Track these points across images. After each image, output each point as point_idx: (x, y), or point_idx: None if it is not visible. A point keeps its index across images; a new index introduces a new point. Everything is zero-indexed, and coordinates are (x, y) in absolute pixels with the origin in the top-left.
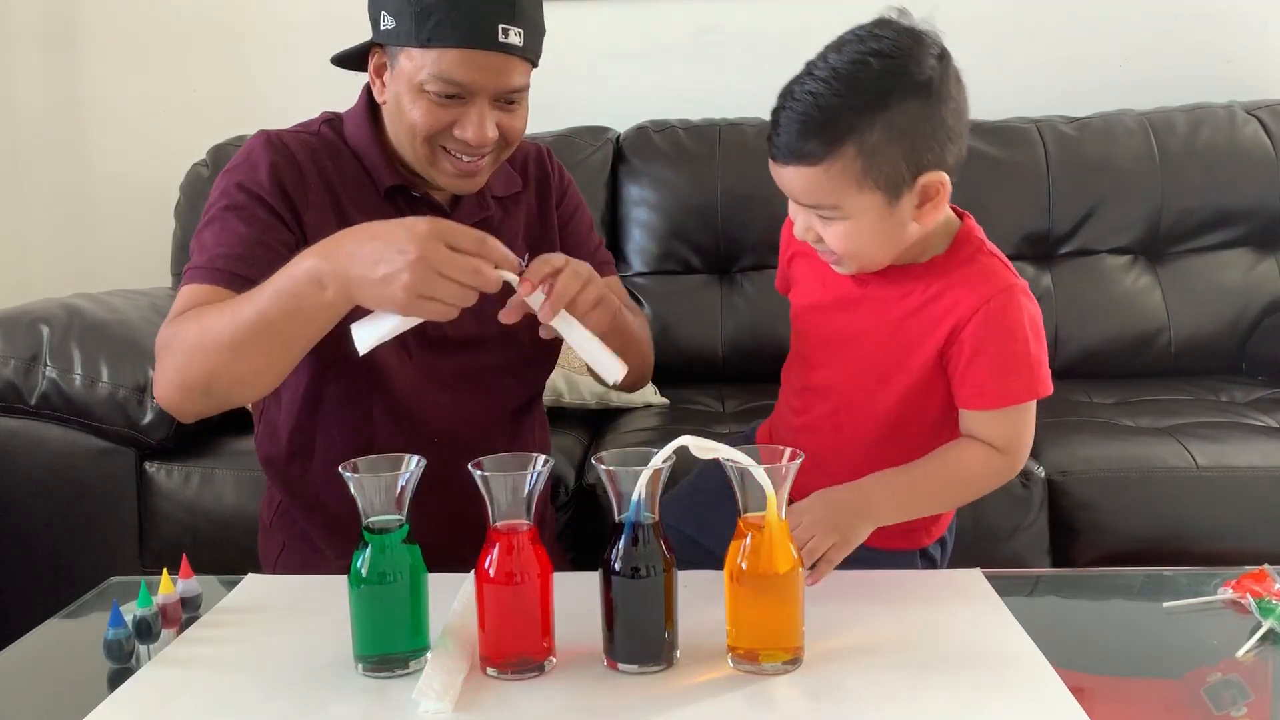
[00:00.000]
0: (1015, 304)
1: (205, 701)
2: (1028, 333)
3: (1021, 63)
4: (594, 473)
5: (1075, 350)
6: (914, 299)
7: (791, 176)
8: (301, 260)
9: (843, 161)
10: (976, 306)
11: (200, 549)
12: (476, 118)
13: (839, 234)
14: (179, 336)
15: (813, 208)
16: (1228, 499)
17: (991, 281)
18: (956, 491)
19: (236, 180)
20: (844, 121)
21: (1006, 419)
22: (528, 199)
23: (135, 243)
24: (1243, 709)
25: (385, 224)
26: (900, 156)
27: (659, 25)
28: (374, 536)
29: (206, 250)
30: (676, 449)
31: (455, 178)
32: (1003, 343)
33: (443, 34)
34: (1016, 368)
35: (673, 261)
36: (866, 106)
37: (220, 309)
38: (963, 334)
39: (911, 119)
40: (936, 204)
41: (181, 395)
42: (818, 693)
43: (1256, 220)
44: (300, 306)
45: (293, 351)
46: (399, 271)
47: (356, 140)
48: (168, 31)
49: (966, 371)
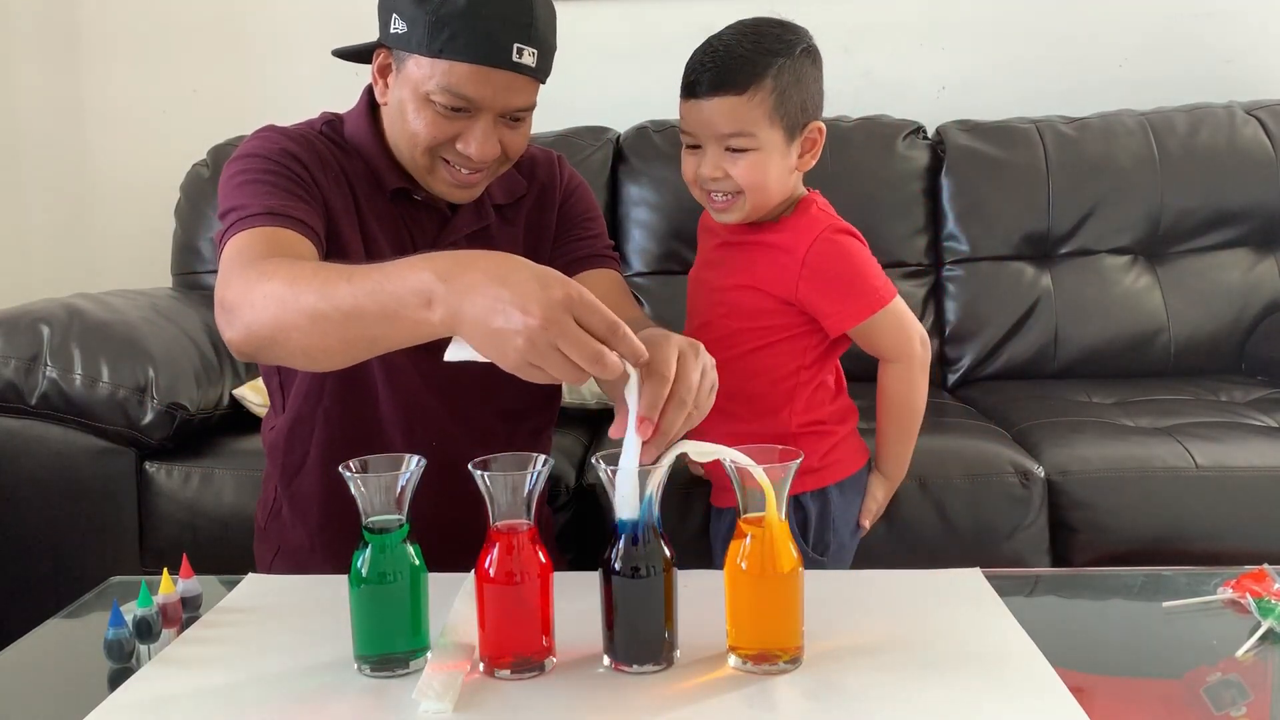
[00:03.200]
0: (834, 238)
1: (205, 701)
2: (853, 257)
3: (1021, 63)
4: (594, 473)
5: (1075, 350)
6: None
7: (715, 107)
8: (417, 269)
9: (762, 94)
10: (807, 247)
11: (200, 549)
12: (481, 134)
13: (749, 165)
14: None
15: (731, 136)
16: (1227, 499)
17: (814, 226)
18: (906, 407)
19: (258, 153)
20: (762, 61)
21: (880, 330)
22: (529, 204)
23: (135, 243)
24: (1242, 709)
25: (519, 269)
26: (799, 102)
27: (659, 25)
28: (374, 536)
29: (248, 204)
30: (677, 455)
31: (451, 187)
32: (839, 270)
33: (456, 47)
34: (856, 288)
35: (673, 261)
36: (776, 53)
37: (314, 271)
38: (804, 270)
39: (805, 72)
40: (814, 153)
41: (243, 338)
42: (818, 693)
43: (1256, 220)
44: (400, 314)
45: (374, 349)
46: (516, 334)
47: (358, 142)
48: (168, 31)
49: (820, 303)
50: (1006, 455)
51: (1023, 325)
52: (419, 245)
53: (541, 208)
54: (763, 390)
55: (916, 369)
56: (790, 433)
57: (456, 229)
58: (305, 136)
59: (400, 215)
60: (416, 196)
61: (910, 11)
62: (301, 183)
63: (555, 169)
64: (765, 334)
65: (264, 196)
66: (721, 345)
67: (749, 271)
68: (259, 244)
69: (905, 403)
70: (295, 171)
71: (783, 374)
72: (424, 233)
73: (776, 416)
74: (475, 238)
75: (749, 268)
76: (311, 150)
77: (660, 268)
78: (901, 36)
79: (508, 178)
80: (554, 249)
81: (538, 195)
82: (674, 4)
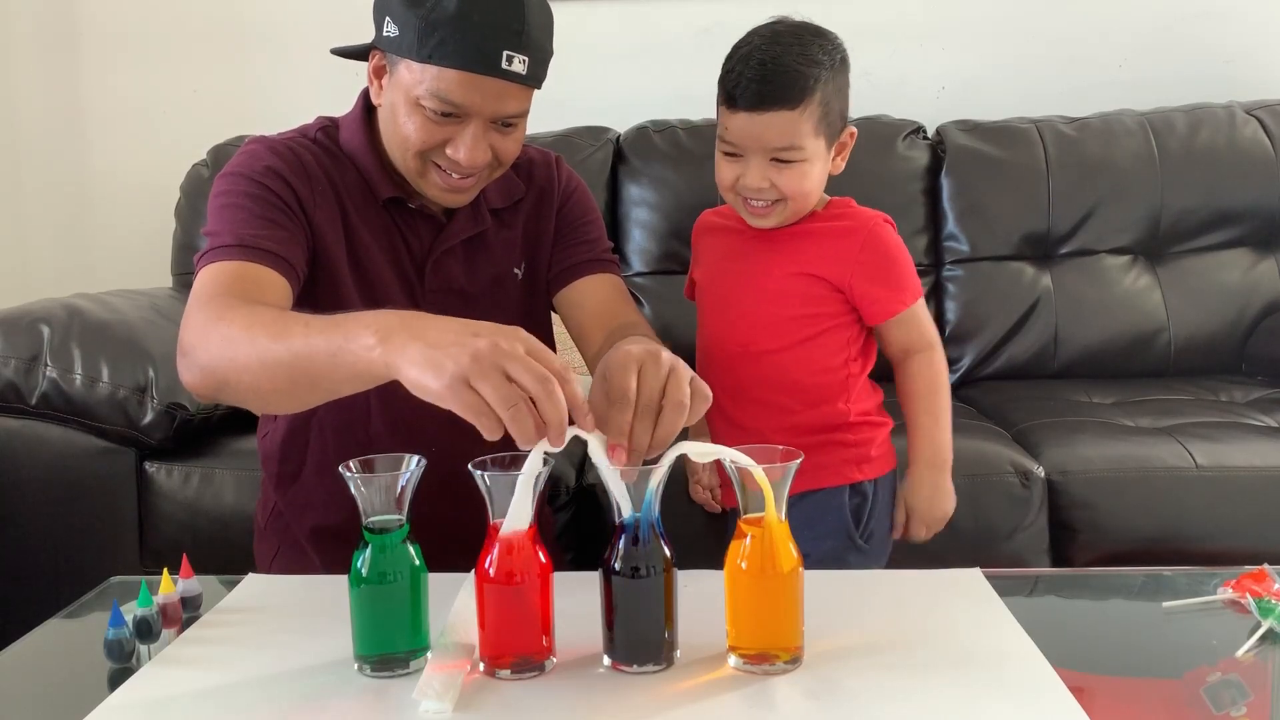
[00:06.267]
0: (889, 230)
1: (205, 701)
2: (900, 249)
3: (1021, 63)
4: (594, 473)
5: (1075, 350)
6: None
7: (769, 121)
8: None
9: (812, 106)
10: (867, 231)
11: (200, 549)
12: (470, 139)
13: (796, 176)
14: (221, 323)
15: (781, 150)
16: (1227, 499)
17: (870, 216)
18: (939, 396)
19: (243, 172)
20: (811, 73)
21: (911, 322)
22: (527, 207)
23: (135, 243)
24: (1242, 709)
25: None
26: (839, 110)
27: (659, 25)
28: (374, 536)
29: (224, 232)
30: (677, 456)
31: (444, 191)
32: (892, 258)
33: (445, 53)
34: (902, 277)
35: (673, 261)
36: (821, 64)
37: (270, 317)
38: (863, 254)
39: (841, 82)
40: (844, 156)
41: (200, 380)
42: (818, 693)
43: (1256, 220)
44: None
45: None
46: (457, 347)
47: (352, 148)
48: (168, 31)
49: (868, 289)
50: (1006, 455)
51: (1023, 325)
52: (413, 253)
53: (540, 211)
54: (818, 380)
55: (939, 355)
56: (849, 422)
57: (452, 235)
58: (292, 149)
59: (394, 224)
60: (411, 205)
61: (910, 11)
62: (281, 206)
63: (553, 171)
64: (816, 321)
65: (240, 225)
66: (768, 335)
67: (802, 258)
68: (225, 279)
69: (939, 387)
70: (276, 193)
71: (836, 363)
72: (419, 240)
73: (834, 406)
74: (471, 243)
75: (800, 255)
76: (297, 163)
77: (660, 268)
78: (901, 36)
79: (505, 181)
80: (553, 253)
81: (536, 198)
82: (674, 4)
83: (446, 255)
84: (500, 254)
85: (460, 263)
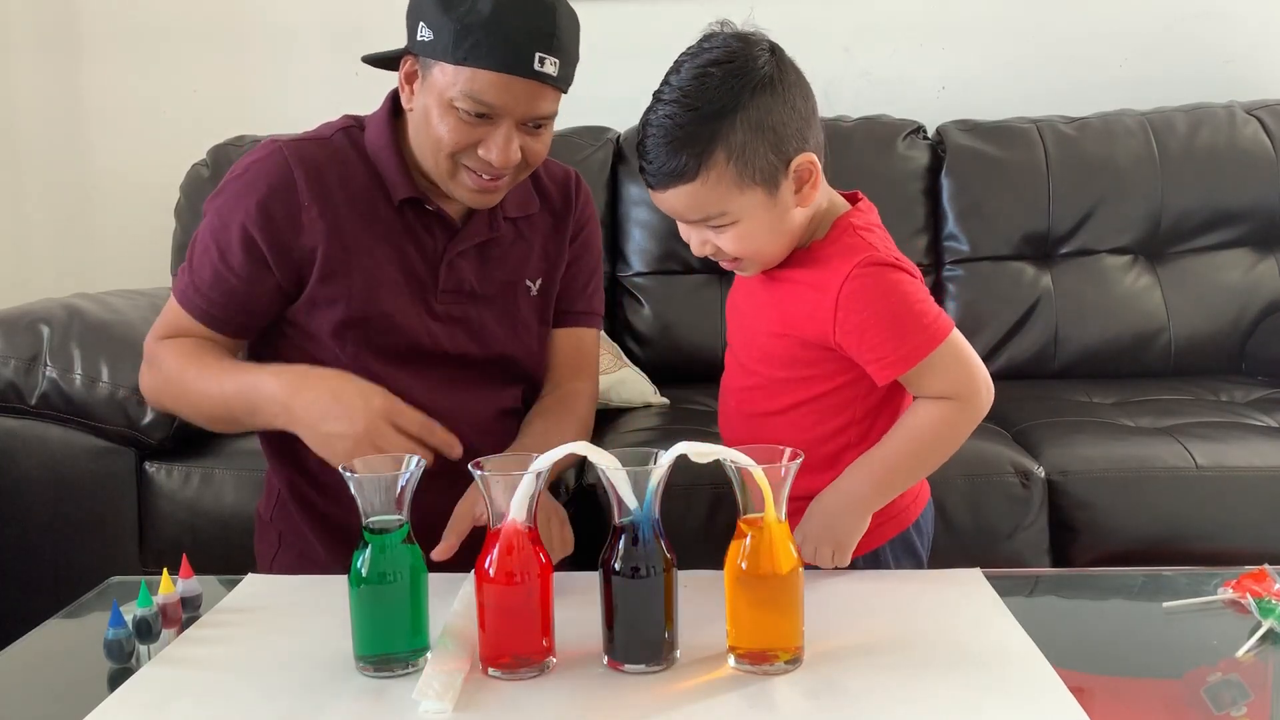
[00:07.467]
0: (874, 273)
1: (205, 701)
2: (898, 291)
3: (1021, 63)
4: (594, 473)
5: (1075, 350)
6: (797, 283)
7: (674, 198)
8: (269, 379)
9: (717, 170)
10: (840, 284)
11: (200, 549)
12: (502, 140)
13: (734, 238)
14: (164, 363)
15: (702, 221)
16: (1227, 499)
17: (849, 258)
18: (929, 452)
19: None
20: (706, 131)
21: (933, 371)
22: (543, 225)
23: (135, 243)
24: (1242, 709)
25: (347, 385)
26: (768, 149)
27: (659, 25)
28: (374, 536)
29: (193, 278)
30: (677, 456)
31: (474, 193)
32: (879, 310)
33: (479, 55)
34: (905, 327)
35: (673, 261)
36: (721, 112)
37: (201, 365)
38: (839, 313)
39: (765, 112)
40: (813, 184)
41: (153, 401)
42: (818, 693)
43: (1256, 220)
44: (255, 414)
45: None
46: (342, 437)
47: (376, 148)
48: (168, 31)
49: (862, 349)
50: (1006, 455)
51: (1023, 325)
52: (426, 254)
53: (557, 231)
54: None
55: (969, 414)
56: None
57: (467, 238)
58: (300, 156)
59: (406, 226)
60: (428, 206)
61: (910, 11)
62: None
63: (571, 191)
64: (808, 385)
65: (205, 287)
66: (761, 397)
67: (778, 315)
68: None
69: (932, 439)
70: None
71: (826, 432)
72: (433, 241)
73: (822, 478)
74: (485, 248)
75: (777, 309)
76: (288, 183)
77: (660, 268)
78: (901, 36)
79: (520, 191)
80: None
81: (553, 217)
82: (674, 4)
83: (460, 257)
84: (514, 262)
85: (473, 265)
